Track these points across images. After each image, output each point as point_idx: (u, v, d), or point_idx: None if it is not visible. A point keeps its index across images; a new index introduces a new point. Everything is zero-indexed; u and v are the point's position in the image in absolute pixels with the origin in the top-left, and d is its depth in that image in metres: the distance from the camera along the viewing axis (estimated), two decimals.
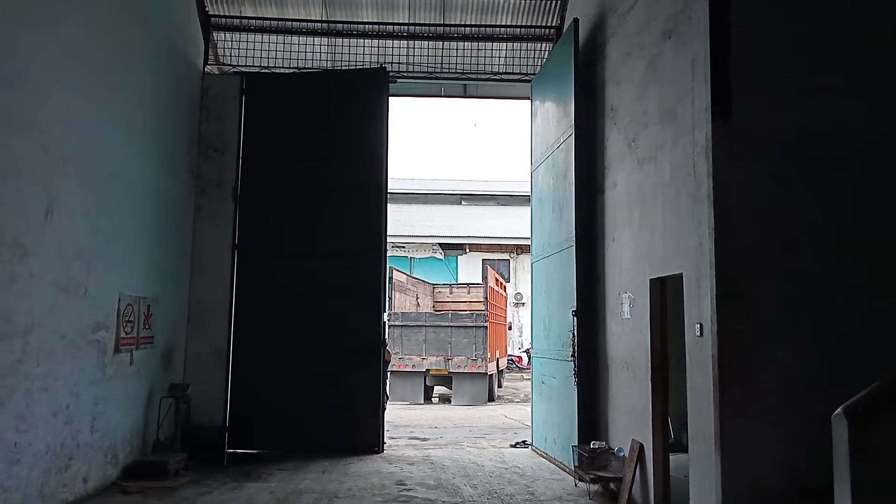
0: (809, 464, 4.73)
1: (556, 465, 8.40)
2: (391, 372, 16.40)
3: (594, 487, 6.97)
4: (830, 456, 3.92)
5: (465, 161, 54.57)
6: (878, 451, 3.79)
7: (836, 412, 3.89)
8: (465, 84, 10.94)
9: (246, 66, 9.94)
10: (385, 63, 10.16)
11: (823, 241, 5.17)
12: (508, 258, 26.27)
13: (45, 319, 5.98)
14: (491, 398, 16.60)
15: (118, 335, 7.24)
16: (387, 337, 9.89)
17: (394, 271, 17.30)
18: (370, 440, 9.14)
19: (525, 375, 21.10)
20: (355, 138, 9.53)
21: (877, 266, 5.15)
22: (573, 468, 7.46)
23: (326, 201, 9.38)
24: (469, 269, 25.74)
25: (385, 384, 9.67)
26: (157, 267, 8.25)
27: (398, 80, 10.43)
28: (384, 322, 9.07)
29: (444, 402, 16.57)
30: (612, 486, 6.83)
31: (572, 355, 7.90)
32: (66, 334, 6.31)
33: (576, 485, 7.31)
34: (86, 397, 6.63)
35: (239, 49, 10.00)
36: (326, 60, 10.32)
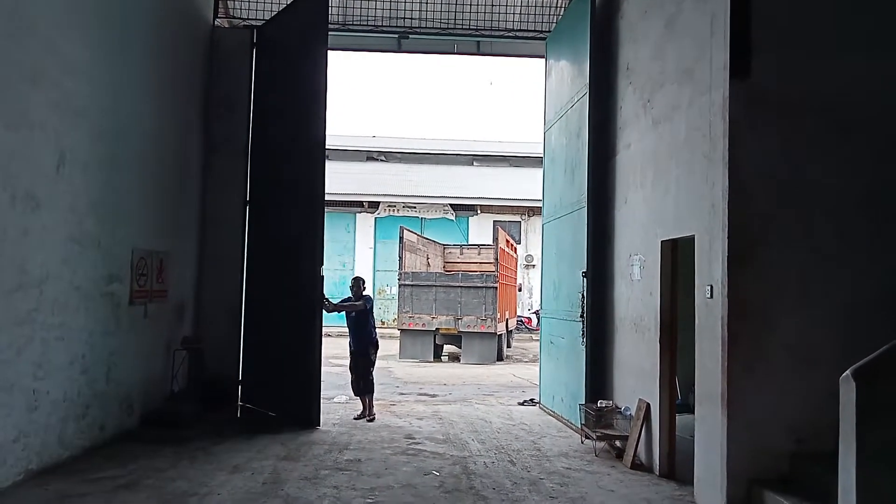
0: (816, 427, 4.79)
1: (563, 422, 8.52)
2: (402, 330, 16.60)
3: (600, 445, 7.08)
4: (837, 419, 3.95)
5: (478, 121, 54.06)
6: (885, 414, 3.81)
7: (844, 374, 3.90)
8: (479, 41, 10.74)
9: (256, 19, 9.80)
10: (397, 18, 9.98)
11: (840, 207, 5.12)
12: (520, 220, 26.19)
13: (60, 271, 6.06)
14: (500, 358, 16.77)
15: (132, 288, 7.34)
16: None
17: (404, 231, 17.32)
18: (300, 413, 8.06)
19: (534, 336, 21.24)
20: (301, 92, 8.72)
21: (894, 235, 5.10)
22: (580, 426, 7.56)
23: (290, 157, 8.89)
24: (480, 230, 25.70)
25: (360, 370, 8.83)
26: (169, 222, 8.30)
27: (410, 37, 10.29)
28: (324, 295, 8.20)
29: (453, 361, 16.75)
30: (617, 444, 6.93)
31: (581, 316, 7.94)
32: (81, 286, 6.39)
33: (582, 442, 7.42)
34: (101, 348, 6.76)
35: (249, 2, 9.85)
36: (338, 15, 10.14)
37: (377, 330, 9.22)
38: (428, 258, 19.45)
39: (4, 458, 5.33)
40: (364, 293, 9.00)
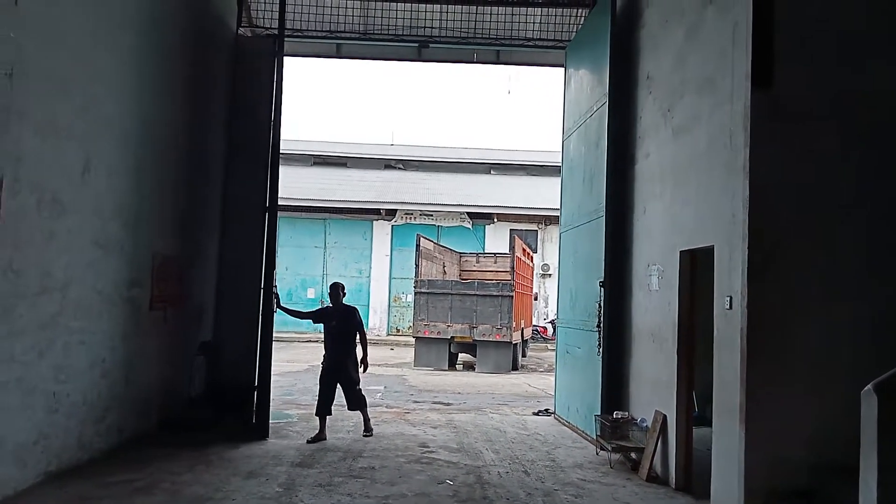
0: (836, 440, 4.70)
1: (578, 433, 8.46)
2: (417, 338, 16.57)
3: (615, 457, 7.02)
4: (857, 433, 3.89)
5: (496, 129, 54.15)
6: None
7: (865, 388, 3.84)
8: (498, 50, 10.78)
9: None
10: (417, 27, 10.05)
11: (862, 218, 5.06)
12: (536, 229, 26.12)
13: (83, 275, 6.15)
14: (515, 367, 16.69)
15: (152, 292, 7.42)
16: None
17: (421, 239, 17.35)
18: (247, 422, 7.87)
19: (549, 346, 21.15)
20: (242, 101, 9.39)
21: None
22: (595, 437, 7.51)
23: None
24: (497, 238, 25.66)
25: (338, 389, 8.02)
26: (190, 226, 8.40)
27: (430, 46, 10.35)
28: (275, 288, 7.88)
29: (468, 370, 16.71)
30: (633, 456, 6.86)
31: (598, 325, 7.89)
32: (103, 290, 6.48)
33: (597, 454, 7.36)
34: (121, 352, 6.84)
35: (272, 11, 9.96)
36: (359, 24, 10.25)
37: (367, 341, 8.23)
38: (444, 266, 19.46)
39: (25, 459, 5.40)
40: (345, 303, 8.24)
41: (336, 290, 8.18)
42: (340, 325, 8.01)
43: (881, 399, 3.74)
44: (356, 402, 8.08)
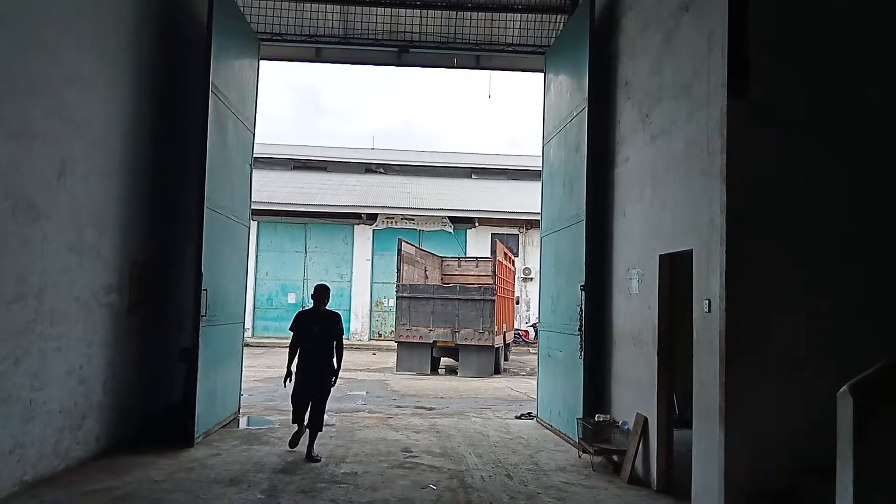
0: (815, 441, 4.76)
1: (561, 437, 8.50)
2: (399, 342, 16.53)
3: (598, 459, 7.06)
4: (835, 434, 3.94)
5: (476, 133, 54.28)
6: (882, 431, 3.81)
7: (841, 390, 3.91)
8: (478, 55, 10.83)
9: (259, 32, 9.86)
10: (397, 32, 10.06)
11: (838, 221, 5.15)
12: (518, 233, 26.22)
13: (59, 281, 6.06)
14: (497, 371, 16.73)
15: (130, 298, 7.33)
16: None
17: (403, 243, 17.34)
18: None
19: (531, 349, 21.21)
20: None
21: (892, 246, 5.13)
22: (577, 440, 7.54)
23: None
24: (478, 242, 25.72)
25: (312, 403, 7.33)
26: (168, 232, 8.30)
27: (410, 51, 10.36)
28: (203, 300, 7.48)
29: (450, 374, 16.71)
30: (615, 458, 6.91)
31: (579, 329, 7.94)
32: (80, 296, 6.39)
33: (579, 456, 7.40)
34: (99, 358, 6.74)
35: (251, 16, 9.91)
36: (339, 29, 10.23)
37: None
38: (426, 270, 19.46)
39: (0, 469, 5.31)
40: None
41: (323, 292, 7.48)
42: (324, 330, 7.33)
43: (856, 400, 3.81)
44: (319, 418, 7.27)
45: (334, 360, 7.36)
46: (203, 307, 7.51)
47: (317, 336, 7.33)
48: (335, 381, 7.41)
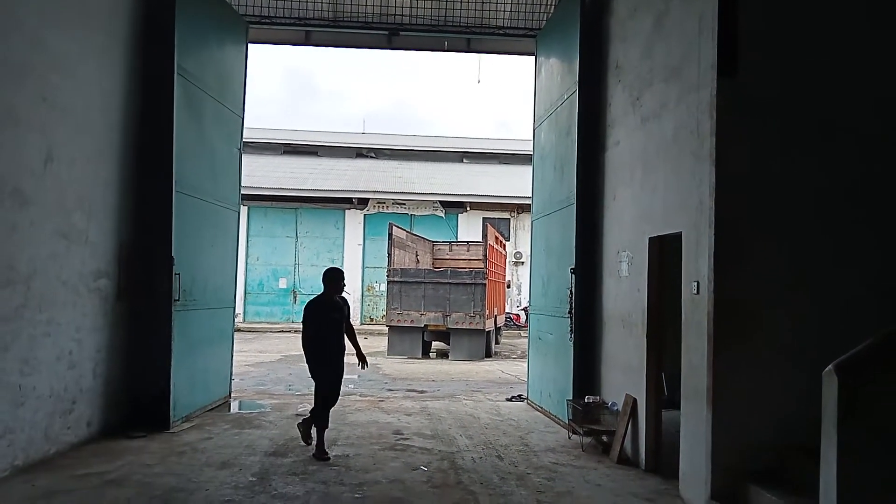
0: (801, 421, 4.82)
1: (551, 418, 8.57)
2: (390, 327, 16.55)
3: (587, 440, 7.13)
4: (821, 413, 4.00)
5: (468, 117, 54.10)
6: (867, 409, 3.86)
7: (826, 369, 3.95)
8: (469, 38, 10.75)
9: (248, 15, 9.75)
10: (387, 14, 9.98)
11: (827, 203, 5.18)
12: (509, 217, 26.22)
13: (47, 267, 6.03)
14: (488, 354, 16.81)
15: (120, 283, 7.30)
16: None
17: (393, 227, 17.32)
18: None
19: (522, 333, 21.31)
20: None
21: (881, 232, 5.17)
22: (567, 422, 7.61)
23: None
24: (470, 227, 25.71)
25: None
26: (156, 217, 8.22)
27: (400, 34, 10.28)
28: (175, 279, 7.34)
29: (441, 358, 16.78)
30: (604, 439, 6.98)
31: (569, 312, 7.99)
32: (68, 281, 6.37)
33: (569, 437, 7.47)
34: (88, 343, 6.73)
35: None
36: (328, 11, 10.12)
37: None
38: (417, 255, 19.46)
39: None
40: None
41: (340, 277, 6.91)
42: (342, 317, 6.85)
43: (841, 379, 3.85)
44: (330, 406, 6.85)
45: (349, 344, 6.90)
46: (176, 291, 7.44)
47: (338, 323, 6.81)
48: (365, 364, 7.11)
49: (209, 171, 8.63)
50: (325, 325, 6.72)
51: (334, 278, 6.88)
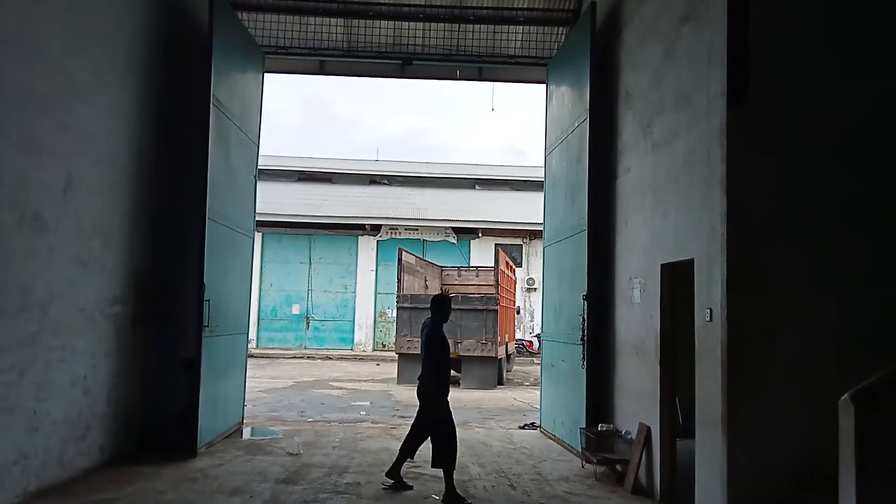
0: (817, 451, 4.73)
1: (564, 446, 8.48)
2: (400, 354, 16.39)
3: (601, 469, 7.04)
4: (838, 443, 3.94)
5: (480, 144, 54.43)
6: (884, 439, 3.81)
7: (843, 398, 3.91)
8: (481, 67, 10.91)
9: (264, 46, 9.95)
10: (400, 44, 10.15)
11: (839, 229, 5.16)
12: (521, 243, 26.23)
13: (64, 292, 6.11)
14: (500, 382, 16.62)
15: (135, 309, 7.37)
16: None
17: (403, 252, 17.31)
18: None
19: (535, 360, 21.17)
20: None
21: (893, 257, 5.13)
22: (580, 450, 7.53)
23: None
24: (482, 253, 25.72)
25: None
26: (172, 243, 8.35)
27: (413, 63, 10.44)
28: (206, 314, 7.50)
29: (453, 385, 16.63)
30: (618, 468, 6.89)
31: (582, 339, 7.95)
32: (84, 307, 6.44)
33: (583, 466, 7.38)
34: (103, 369, 6.78)
35: (256, 29, 10.01)
36: (343, 42, 10.33)
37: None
38: (426, 280, 19.44)
39: (3, 479, 5.33)
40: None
41: (447, 304, 6.73)
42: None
43: (858, 408, 3.81)
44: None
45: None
46: (206, 317, 7.53)
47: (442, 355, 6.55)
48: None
49: (233, 199, 8.77)
50: (442, 353, 6.55)
51: (443, 305, 6.68)
